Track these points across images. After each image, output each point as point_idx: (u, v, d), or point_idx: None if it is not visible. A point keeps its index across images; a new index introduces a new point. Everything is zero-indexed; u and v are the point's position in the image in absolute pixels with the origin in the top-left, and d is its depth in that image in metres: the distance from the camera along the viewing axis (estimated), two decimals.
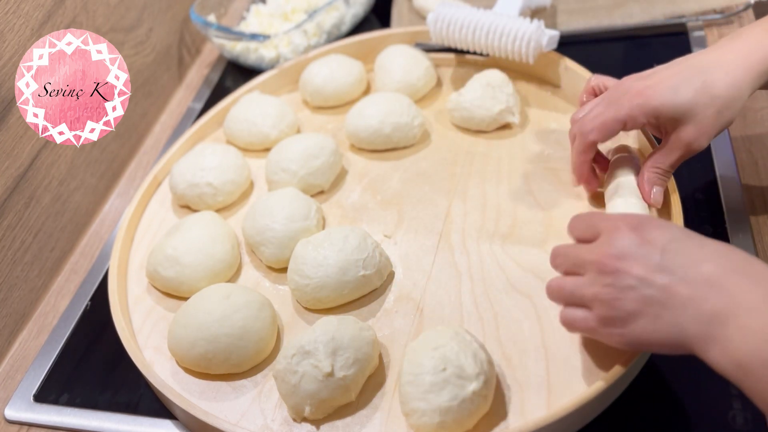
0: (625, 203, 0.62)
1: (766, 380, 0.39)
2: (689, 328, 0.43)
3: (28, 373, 0.68)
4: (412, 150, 0.80)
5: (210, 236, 0.69)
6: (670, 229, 0.47)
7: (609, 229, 0.49)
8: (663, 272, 0.44)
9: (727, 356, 0.41)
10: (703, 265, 0.43)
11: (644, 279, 0.45)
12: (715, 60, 0.59)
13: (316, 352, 0.55)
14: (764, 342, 0.39)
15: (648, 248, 0.46)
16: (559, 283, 0.52)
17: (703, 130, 0.59)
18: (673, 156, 0.62)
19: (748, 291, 0.41)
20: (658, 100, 0.59)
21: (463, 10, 0.82)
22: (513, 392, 0.56)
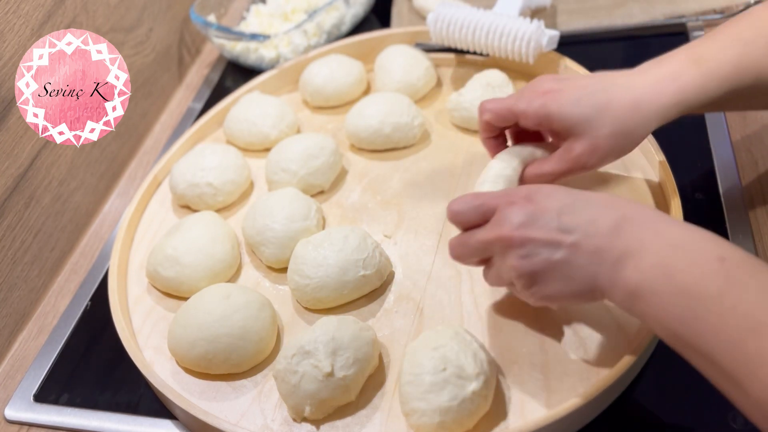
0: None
1: (655, 307, 0.44)
2: (598, 278, 0.47)
3: (28, 373, 0.68)
4: (412, 150, 0.80)
5: (210, 236, 0.69)
6: (558, 194, 0.50)
7: (502, 205, 0.51)
8: (566, 233, 0.48)
9: (626, 292, 0.46)
10: (599, 220, 0.47)
11: (551, 242, 0.48)
12: (630, 82, 0.58)
13: (316, 352, 0.55)
14: (651, 272, 0.44)
15: (546, 214, 0.49)
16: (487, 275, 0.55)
17: (594, 149, 0.58)
18: (560, 167, 0.61)
19: (638, 232, 0.46)
20: (555, 108, 0.58)
21: (463, 10, 0.82)
22: (513, 392, 0.56)
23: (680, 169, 0.68)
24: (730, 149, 0.73)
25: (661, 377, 0.57)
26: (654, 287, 0.44)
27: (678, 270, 0.43)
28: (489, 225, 0.52)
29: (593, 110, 0.58)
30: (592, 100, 0.58)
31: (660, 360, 0.58)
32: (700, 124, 0.76)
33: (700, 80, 0.57)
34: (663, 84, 0.58)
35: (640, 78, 0.59)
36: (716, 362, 0.41)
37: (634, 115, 0.57)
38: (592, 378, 0.55)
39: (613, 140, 0.58)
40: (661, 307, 0.44)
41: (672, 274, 0.43)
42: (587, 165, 0.60)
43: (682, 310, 0.42)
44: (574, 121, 0.58)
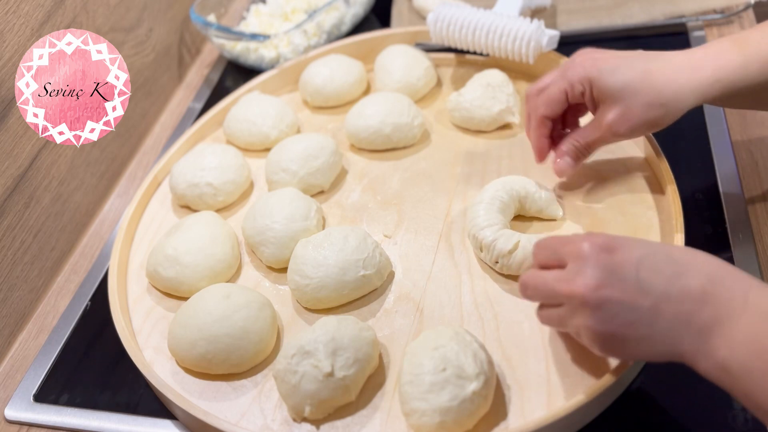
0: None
1: (748, 384, 0.41)
2: (680, 344, 0.44)
3: (28, 373, 0.68)
4: (412, 150, 0.80)
5: (210, 236, 0.69)
6: (635, 247, 0.47)
7: (575, 255, 0.48)
8: (644, 294, 0.44)
9: (713, 363, 0.43)
10: (681, 280, 0.44)
11: (628, 304, 0.45)
12: (671, 56, 0.59)
13: (316, 352, 0.55)
14: (744, 347, 0.41)
15: (622, 271, 0.45)
16: (547, 317, 0.52)
17: (627, 117, 0.58)
18: (592, 134, 0.61)
19: (727, 299, 0.43)
20: (596, 73, 0.59)
21: (463, 10, 0.82)
22: (513, 392, 0.56)
23: (680, 168, 0.68)
24: (730, 149, 0.73)
25: (661, 377, 0.57)
26: (746, 363, 0.41)
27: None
28: (564, 274, 0.48)
29: (631, 78, 0.58)
30: (631, 69, 0.58)
31: None
32: (700, 124, 0.76)
33: (742, 60, 0.56)
34: (703, 60, 0.57)
35: (682, 54, 0.59)
36: None
37: (671, 86, 0.57)
38: (592, 378, 0.55)
39: (646, 109, 0.58)
40: (755, 384, 0.41)
41: (765, 351, 0.40)
42: (618, 132, 0.59)
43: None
44: (611, 89, 0.58)
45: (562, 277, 0.48)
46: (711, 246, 0.65)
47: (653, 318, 0.44)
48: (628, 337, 0.45)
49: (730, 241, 0.65)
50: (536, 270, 0.52)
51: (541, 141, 0.67)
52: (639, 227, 0.65)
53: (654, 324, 0.44)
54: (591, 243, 0.47)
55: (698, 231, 0.66)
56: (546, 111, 0.64)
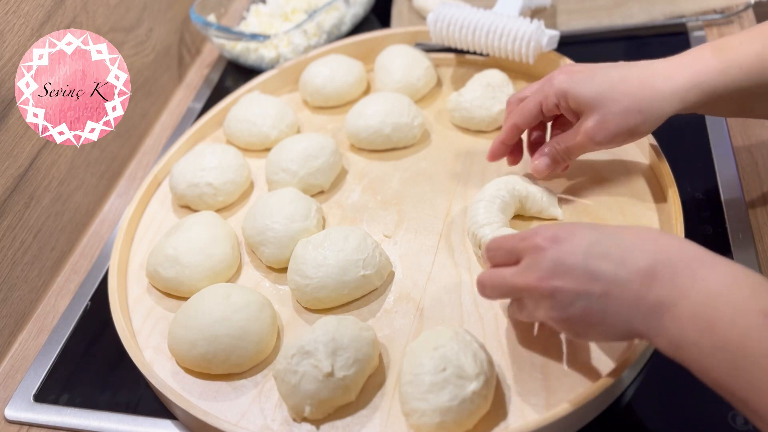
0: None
1: (698, 359, 0.42)
2: (634, 324, 0.45)
3: (28, 373, 0.68)
4: (412, 150, 0.80)
5: (210, 236, 0.69)
6: (584, 234, 0.48)
7: (529, 249, 0.49)
8: (594, 280, 0.46)
9: (667, 342, 0.44)
10: (628, 263, 0.45)
11: (579, 292, 0.46)
12: (648, 65, 0.59)
13: (316, 352, 0.55)
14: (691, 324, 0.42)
15: (572, 258, 0.47)
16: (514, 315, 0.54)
17: (604, 124, 0.58)
18: (573, 140, 0.62)
19: (674, 279, 0.44)
20: (570, 84, 0.60)
21: (463, 10, 0.82)
22: (513, 392, 0.56)
23: (680, 169, 0.68)
24: (730, 149, 0.73)
25: (662, 377, 0.57)
26: (694, 340, 0.42)
27: (719, 324, 0.41)
28: (518, 269, 0.50)
29: (606, 86, 0.58)
30: (607, 77, 0.58)
31: (660, 360, 0.58)
32: (700, 125, 0.76)
33: (720, 65, 0.56)
34: (681, 66, 0.57)
35: (660, 61, 0.59)
36: (764, 417, 0.39)
37: (648, 92, 0.57)
38: (592, 378, 0.55)
39: (623, 117, 0.57)
40: (704, 359, 0.42)
41: (713, 328, 0.41)
42: (596, 140, 0.59)
43: (727, 365, 0.40)
44: (587, 97, 0.58)
45: (516, 272, 0.50)
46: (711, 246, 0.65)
47: (605, 302, 0.45)
48: (587, 322, 0.47)
49: (730, 241, 0.65)
50: (492, 269, 0.53)
51: (496, 145, 0.68)
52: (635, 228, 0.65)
53: (606, 308, 0.46)
54: (542, 236, 0.49)
55: (698, 231, 0.66)
56: (517, 120, 0.65)
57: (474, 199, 0.66)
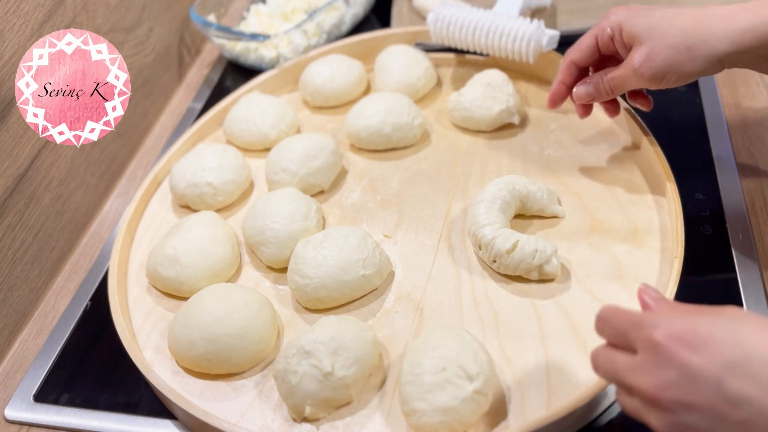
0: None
1: None
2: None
3: (28, 373, 0.68)
4: (412, 150, 0.80)
5: (210, 236, 0.69)
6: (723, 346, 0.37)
7: (647, 344, 0.40)
8: (735, 405, 0.36)
9: None
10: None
11: (713, 413, 0.36)
12: (708, 7, 0.57)
13: (316, 352, 0.55)
14: None
15: (703, 377, 0.37)
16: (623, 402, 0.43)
17: (650, 57, 0.57)
18: (618, 72, 0.61)
19: None
20: (625, 16, 0.59)
21: (463, 10, 0.82)
22: (513, 392, 0.56)
23: (680, 169, 0.68)
24: (731, 149, 0.73)
25: None
26: None
27: None
28: (635, 363, 0.41)
29: (661, 20, 0.57)
30: (664, 13, 0.58)
31: None
32: (700, 125, 0.76)
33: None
34: (742, 9, 0.55)
35: (721, 6, 0.56)
36: None
37: (700, 28, 0.55)
38: (592, 377, 0.55)
39: (672, 51, 0.56)
40: None
41: None
42: (641, 73, 0.58)
43: None
44: (639, 29, 0.58)
45: (632, 367, 0.41)
46: (711, 246, 0.65)
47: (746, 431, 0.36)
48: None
49: (730, 241, 0.65)
50: (607, 349, 0.44)
51: (558, 86, 0.68)
52: (639, 227, 0.65)
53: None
54: (665, 333, 0.39)
55: (698, 231, 0.66)
56: (574, 56, 0.65)
57: (474, 200, 0.66)
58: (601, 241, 0.65)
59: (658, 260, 0.62)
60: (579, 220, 0.67)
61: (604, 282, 0.62)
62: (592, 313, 0.59)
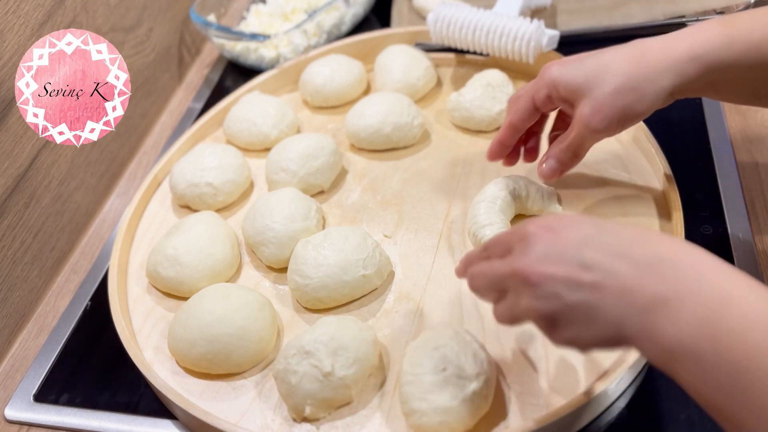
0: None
1: (694, 371, 0.37)
2: (625, 325, 0.40)
3: (28, 373, 0.68)
4: (412, 150, 0.80)
5: (210, 236, 0.69)
6: (582, 224, 0.43)
7: (521, 236, 0.45)
8: (587, 269, 0.41)
9: (659, 347, 0.39)
10: (627, 256, 0.40)
11: (570, 280, 0.41)
12: (644, 41, 0.55)
13: (316, 352, 0.55)
14: (694, 331, 0.37)
15: (566, 247, 0.42)
16: (497, 314, 0.47)
17: (597, 108, 0.55)
18: (573, 135, 0.58)
19: (678, 278, 0.39)
20: (558, 72, 0.57)
21: (463, 10, 0.82)
22: (513, 392, 0.56)
23: (680, 169, 0.68)
24: (730, 149, 0.73)
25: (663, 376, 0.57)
26: (695, 349, 0.37)
27: (725, 333, 0.36)
28: (508, 258, 0.46)
29: (597, 68, 0.55)
30: (598, 59, 0.55)
31: None
32: (700, 125, 0.76)
33: (725, 38, 0.51)
34: (680, 37, 0.53)
35: (658, 38, 0.55)
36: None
37: (639, 66, 0.53)
38: (592, 377, 0.55)
39: (617, 97, 0.54)
40: (702, 373, 0.37)
41: (717, 337, 0.36)
42: (592, 126, 0.55)
43: (729, 382, 0.36)
44: (577, 83, 0.55)
45: (505, 260, 0.46)
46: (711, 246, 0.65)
47: (596, 295, 0.40)
48: (573, 318, 0.41)
49: (730, 241, 0.65)
50: (482, 261, 0.49)
51: (494, 144, 0.66)
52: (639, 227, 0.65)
53: (597, 303, 0.40)
54: (536, 225, 0.45)
55: (698, 231, 0.66)
56: (512, 118, 0.63)
57: (475, 200, 0.66)
58: None
59: None
60: None
61: None
62: None
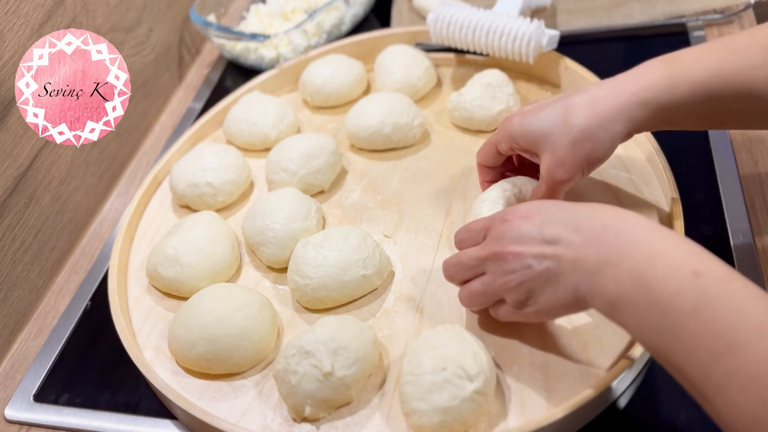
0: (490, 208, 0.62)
1: (633, 318, 0.44)
2: (580, 287, 0.47)
3: (28, 373, 0.68)
4: (412, 150, 0.80)
5: (210, 236, 0.69)
6: (546, 207, 0.51)
7: (492, 225, 0.53)
8: (550, 244, 0.49)
9: (604, 300, 0.46)
10: (581, 229, 0.48)
11: (537, 255, 0.49)
12: (596, 87, 0.56)
13: (316, 352, 0.55)
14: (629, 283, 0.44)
15: (533, 228, 0.50)
16: (470, 289, 0.55)
17: (558, 161, 0.56)
18: (541, 187, 0.59)
19: (617, 241, 0.46)
20: (517, 128, 0.59)
21: (463, 10, 0.82)
22: (513, 392, 0.56)
23: (680, 168, 0.68)
24: (730, 149, 0.73)
25: (663, 376, 0.57)
26: (630, 297, 0.44)
27: (653, 281, 0.43)
28: (483, 243, 0.54)
29: (552, 121, 0.56)
30: (552, 112, 0.57)
31: None
32: None
33: (669, 80, 0.53)
34: (627, 83, 0.55)
35: (609, 81, 0.56)
36: (688, 378, 0.41)
37: (592, 117, 0.54)
38: (592, 377, 0.55)
39: (575, 148, 0.55)
40: (638, 318, 0.44)
41: (647, 286, 0.43)
42: (557, 178, 0.57)
43: (658, 323, 0.42)
44: (535, 136, 0.57)
45: (481, 245, 0.54)
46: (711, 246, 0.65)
47: (557, 264, 0.48)
48: (538, 288, 0.50)
49: (731, 241, 0.65)
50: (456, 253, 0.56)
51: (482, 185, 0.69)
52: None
53: (557, 271, 0.48)
54: (509, 213, 0.52)
55: (698, 231, 0.66)
56: (482, 160, 0.67)
57: (478, 199, 0.66)
58: None
59: None
60: None
61: None
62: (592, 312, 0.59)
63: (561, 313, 0.51)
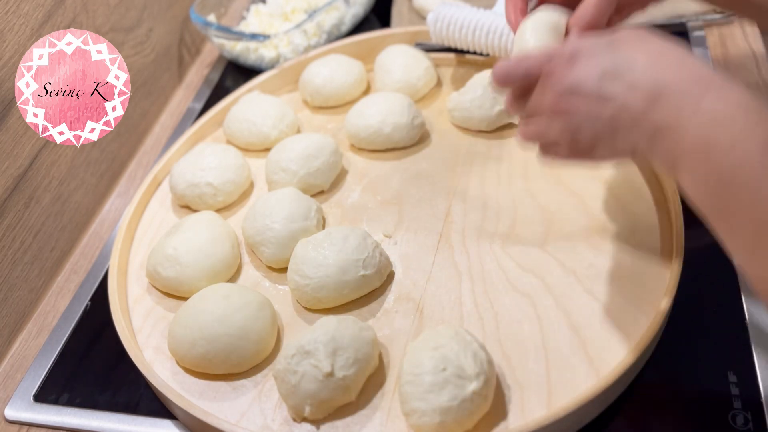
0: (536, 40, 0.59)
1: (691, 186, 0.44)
2: (638, 144, 0.46)
3: (28, 373, 0.68)
4: (412, 150, 0.80)
5: (210, 236, 0.69)
6: (600, 56, 0.48)
7: (546, 70, 0.51)
8: (606, 102, 0.47)
9: (666, 166, 0.45)
10: (639, 87, 0.45)
11: (591, 113, 0.48)
12: None
13: (316, 352, 0.55)
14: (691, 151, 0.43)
15: (587, 83, 0.48)
16: (527, 133, 0.55)
17: None
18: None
19: (678, 105, 0.44)
20: None
21: (463, 10, 0.82)
22: (513, 392, 0.56)
23: None
24: None
25: (662, 376, 0.57)
26: (691, 166, 0.43)
27: (716, 151, 0.41)
28: (541, 88, 0.51)
29: None
30: None
31: (661, 359, 0.58)
32: None
33: None
34: None
35: None
36: (737, 246, 0.42)
37: None
38: (592, 378, 0.55)
39: None
40: (696, 187, 0.43)
41: (709, 156, 0.41)
42: None
43: (717, 192, 0.41)
44: None
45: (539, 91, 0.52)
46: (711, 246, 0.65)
47: (611, 126, 0.47)
48: (593, 145, 0.49)
49: None
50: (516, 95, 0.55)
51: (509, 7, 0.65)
52: (639, 227, 0.65)
53: (614, 131, 0.47)
54: (556, 56, 0.50)
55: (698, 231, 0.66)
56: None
57: (520, 28, 0.60)
58: (601, 241, 0.65)
59: (658, 260, 0.62)
60: (579, 220, 0.67)
61: (604, 282, 0.62)
62: (593, 312, 0.59)
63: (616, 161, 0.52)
